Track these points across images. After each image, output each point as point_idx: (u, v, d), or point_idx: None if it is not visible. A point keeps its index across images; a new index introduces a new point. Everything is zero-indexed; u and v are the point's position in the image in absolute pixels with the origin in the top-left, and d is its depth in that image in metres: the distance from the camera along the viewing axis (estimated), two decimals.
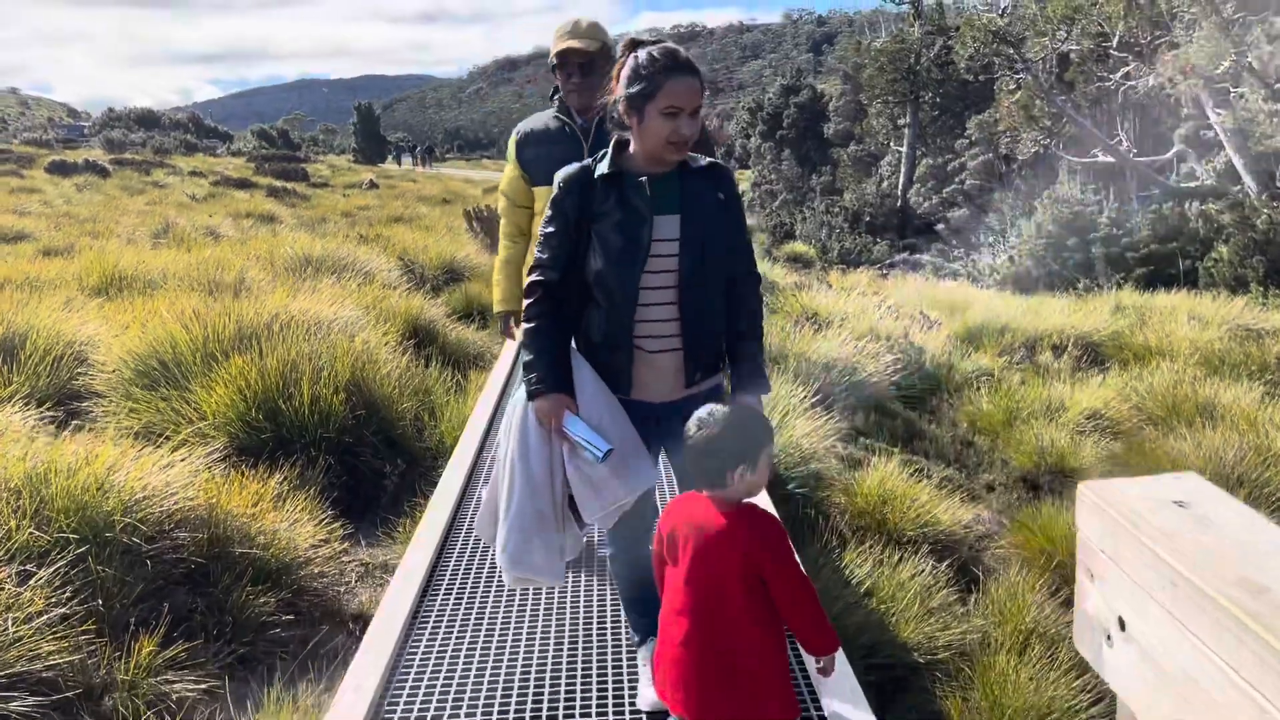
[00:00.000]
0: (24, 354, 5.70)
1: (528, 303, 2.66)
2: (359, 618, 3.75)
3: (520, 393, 2.69)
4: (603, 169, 2.59)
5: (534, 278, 2.65)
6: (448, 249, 12.47)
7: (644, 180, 2.56)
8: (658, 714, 2.75)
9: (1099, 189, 24.22)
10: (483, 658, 3.16)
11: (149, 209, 20.23)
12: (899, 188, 36.57)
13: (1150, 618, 0.75)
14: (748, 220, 3.51)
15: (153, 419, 4.96)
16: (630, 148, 2.61)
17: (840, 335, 8.38)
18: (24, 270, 9.93)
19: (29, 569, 3.21)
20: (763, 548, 2.10)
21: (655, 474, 2.72)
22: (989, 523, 5.80)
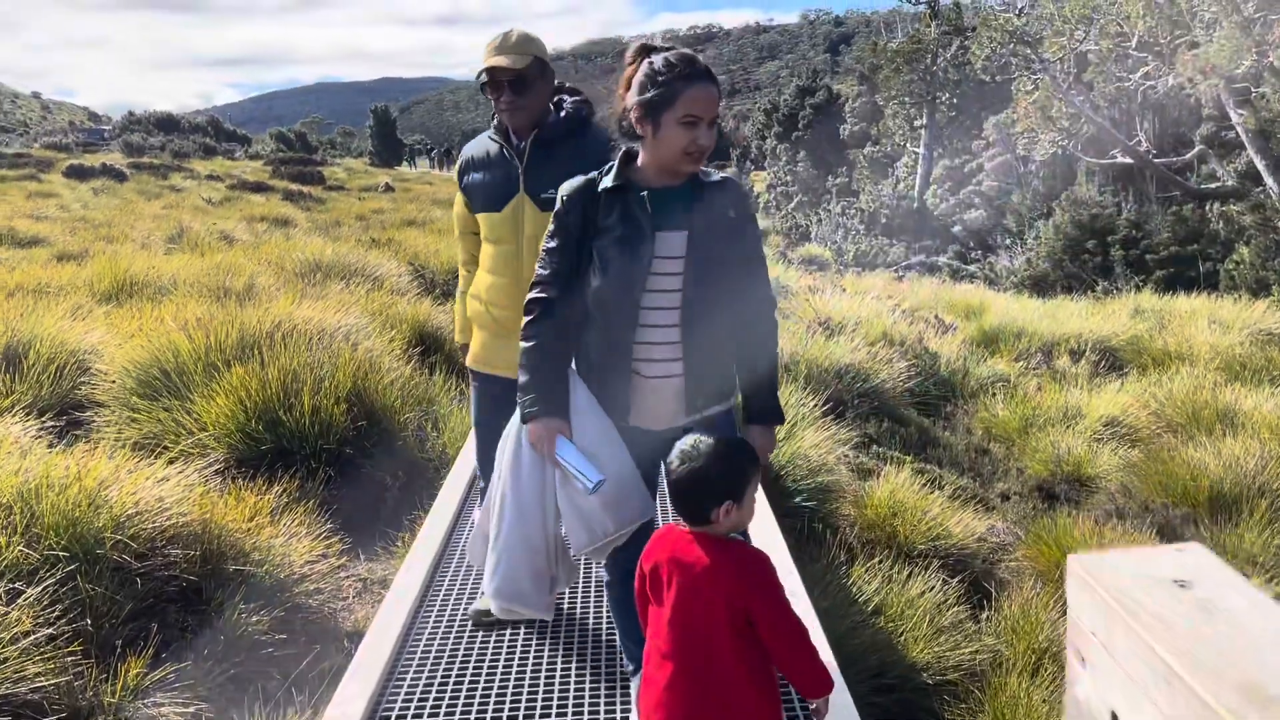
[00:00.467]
0: (27, 363, 5.67)
1: (526, 320, 2.54)
2: (355, 635, 3.67)
3: (517, 415, 2.58)
4: (607, 182, 2.46)
5: (533, 295, 2.54)
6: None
7: (645, 194, 2.42)
8: None
9: (1118, 190, 23.98)
10: (472, 684, 3.08)
11: (165, 213, 20.28)
12: (915, 189, 36.33)
13: (1145, 717, 0.66)
14: (762, 223, 3.37)
15: (153, 429, 4.92)
16: (639, 159, 2.48)
17: (853, 341, 8.27)
18: (36, 276, 9.93)
19: (17, 587, 3.15)
20: (750, 588, 1.99)
21: (651, 509, 2.58)
22: (1003, 534, 5.69)
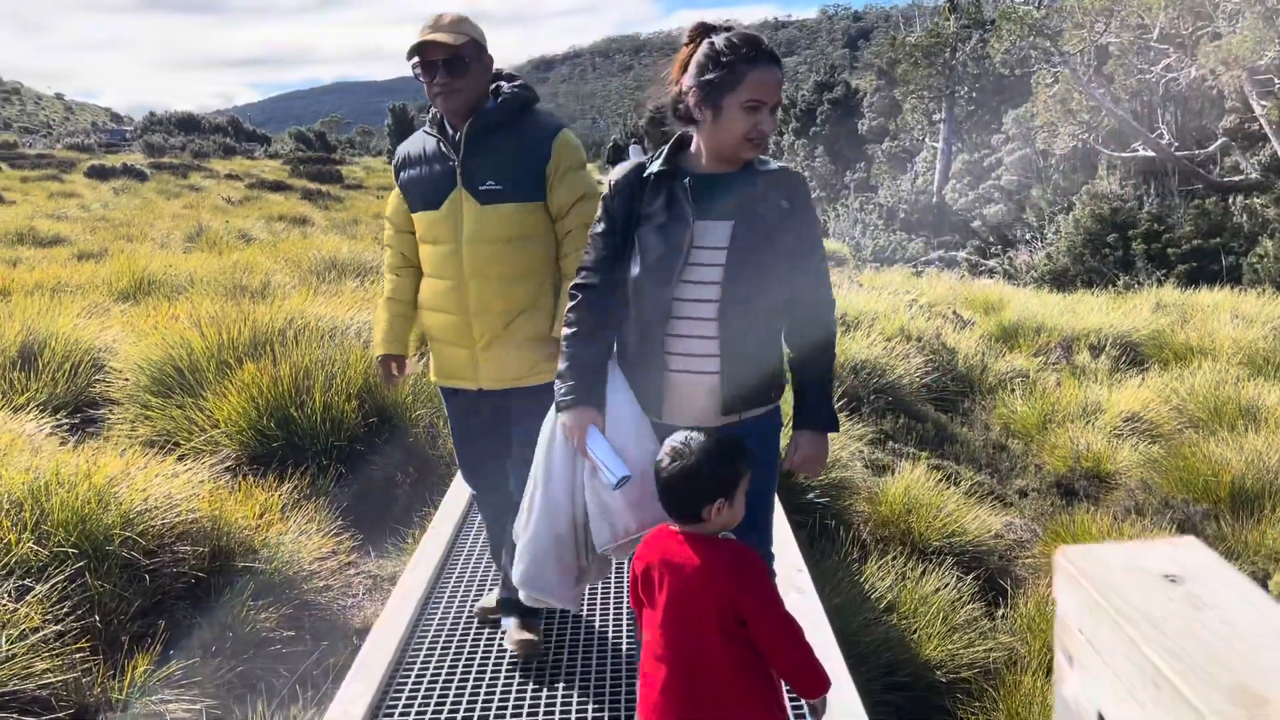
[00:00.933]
0: (42, 360, 5.70)
1: (568, 307, 2.48)
2: (364, 632, 3.66)
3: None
4: (654, 166, 2.36)
5: (576, 281, 2.48)
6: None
7: (689, 181, 2.32)
8: None
9: (1139, 184, 23.75)
10: (476, 682, 3.06)
11: (184, 212, 20.42)
12: (934, 184, 36.13)
13: (1132, 717, 0.62)
14: None
15: (166, 427, 4.93)
16: (691, 145, 2.37)
17: (869, 336, 8.21)
18: (55, 275, 10.01)
19: (27, 584, 3.16)
20: (740, 587, 1.95)
21: None
22: (1020, 530, 5.63)
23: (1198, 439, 6.81)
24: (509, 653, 3.17)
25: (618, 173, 2.43)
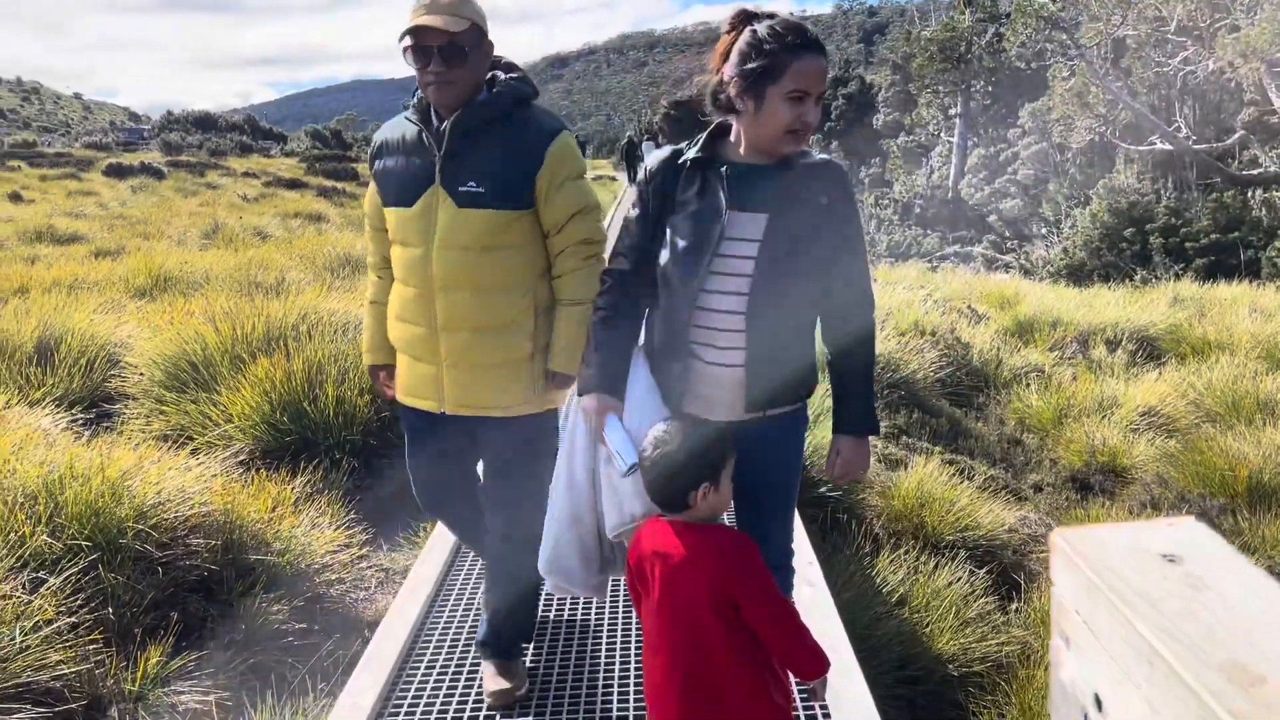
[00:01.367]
0: (58, 356, 5.74)
1: (599, 292, 2.47)
2: (376, 625, 3.67)
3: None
4: (691, 154, 2.31)
5: (608, 265, 2.48)
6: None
7: (725, 170, 2.27)
8: None
9: (1157, 177, 23.57)
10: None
11: (201, 210, 20.53)
12: (950, 179, 35.96)
13: (1128, 701, 0.61)
14: None
15: (180, 421, 4.96)
16: (730, 134, 2.33)
17: (883, 330, 8.18)
18: (73, 272, 10.09)
19: (40, 576, 3.18)
20: (731, 571, 1.95)
21: None
22: (1035, 525, 5.59)
23: (1215, 433, 6.75)
24: (485, 703, 2.92)
25: (654, 158, 2.40)
